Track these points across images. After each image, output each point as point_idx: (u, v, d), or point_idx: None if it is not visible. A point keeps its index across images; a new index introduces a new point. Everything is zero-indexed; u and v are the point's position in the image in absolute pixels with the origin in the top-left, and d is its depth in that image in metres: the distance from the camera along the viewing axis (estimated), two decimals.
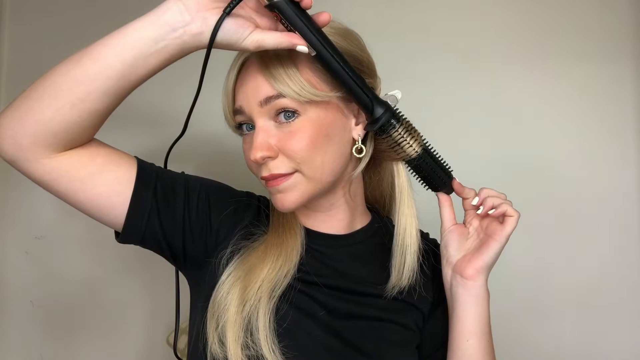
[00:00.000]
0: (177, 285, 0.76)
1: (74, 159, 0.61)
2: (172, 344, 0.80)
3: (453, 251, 0.73)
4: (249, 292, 0.65)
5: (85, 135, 0.61)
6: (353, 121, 0.69)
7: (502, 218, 0.71)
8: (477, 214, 0.73)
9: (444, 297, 0.76)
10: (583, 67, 1.10)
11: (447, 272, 0.74)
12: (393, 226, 0.73)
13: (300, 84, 0.63)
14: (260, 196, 0.78)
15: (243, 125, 0.70)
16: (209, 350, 0.64)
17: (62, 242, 1.23)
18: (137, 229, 0.65)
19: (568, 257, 1.09)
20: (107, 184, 0.63)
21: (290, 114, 0.65)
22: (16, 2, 1.28)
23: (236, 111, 0.68)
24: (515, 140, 1.12)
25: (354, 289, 0.71)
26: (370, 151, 0.71)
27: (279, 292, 0.66)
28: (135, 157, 0.68)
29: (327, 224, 0.74)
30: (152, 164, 0.69)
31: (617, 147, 1.08)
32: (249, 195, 0.77)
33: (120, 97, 0.60)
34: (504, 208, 0.70)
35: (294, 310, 0.67)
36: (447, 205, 0.75)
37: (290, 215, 0.73)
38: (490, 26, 1.13)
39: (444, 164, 0.72)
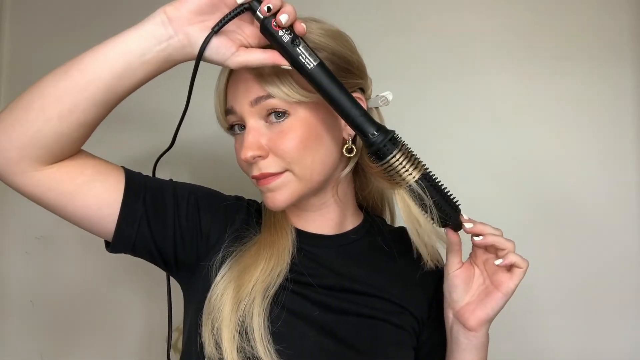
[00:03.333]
0: (169, 289, 0.76)
1: (63, 172, 0.61)
2: (172, 344, 0.81)
3: (456, 297, 0.69)
4: (243, 291, 0.65)
5: (74, 147, 0.62)
6: (343, 121, 0.69)
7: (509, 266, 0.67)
8: (489, 258, 0.69)
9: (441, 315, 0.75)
10: (583, 67, 1.09)
11: (448, 315, 0.72)
12: (386, 225, 0.72)
13: (290, 85, 0.64)
14: (250, 200, 0.79)
15: (235, 125, 0.70)
16: (205, 352, 0.64)
17: (62, 242, 1.24)
18: (128, 238, 0.66)
19: (567, 258, 1.08)
20: (96, 195, 0.63)
21: (280, 114, 0.65)
22: (16, 2, 1.29)
23: (228, 111, 0.69)
24: (513, 141, 1.11)
25: (348, 288, 0.71)
26: (360, 150, 0.70)
27: (272, 292, 0.66)
28: (122, 167, 0.68)
29: (318, 224, 0.75)
30: (140, 173, 0.69)
31: (617, 147, 1.07)
32: (238, 199, 0.77)
33: (109, 107, 0.60)
34: (512, 259, 0.65)
35: (286, 312, 0.67)
36: (455, 250, 0.69)
37: (281, 216, 0.73)
38: (488, 26, 1.12)
39: (451, 197, 0.65)
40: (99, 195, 0.63)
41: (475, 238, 0.66)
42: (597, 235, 1.07)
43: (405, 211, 0.65)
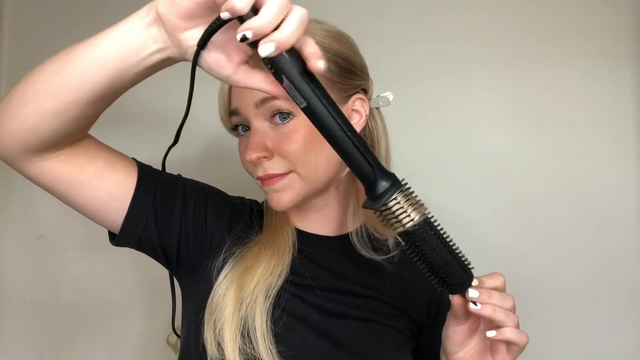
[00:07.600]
0: (172, 286, 0.76)
1: (71, 162, 0.60)
2: (172, 343, 0.81)
3: (450, 349, 0.65)
4: (245, 291, 0.66)
5: (76, 137, 0.60)
6: None
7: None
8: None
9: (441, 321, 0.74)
10: (583, 67, 1.09)
11: (442, 357, 0.69)
12: None
13: None
14: (251, 200, 0.79)
15: (239, 126, 0.70)
16: (207, 352, 0.64)
17: (62, 242, 1.24)
18: (133, 234, 0.66)
19: (566, 258, 1.08)
20: (106, 189, 0.63)
21: (285, 115, 0.65)
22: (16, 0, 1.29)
23: (232, 112, 0.69)
24: (513, 141, 1.11)
25: (348, 290, 0.72)
26: None
27: (273, 292, 0.67)
28: (133, 159, 0.68)
29: (319, 225, 0.75)
30: (151, 167, 0.69)
31: (617, 147, 1.08)
32: (241, 199, 0.77)
33: (108, 102, 0.57)
34: (506, 335, 0.58)
35: (286, 315, 0.67)
36: (460, 315, 0.62)
37: (282, 216, 0.73)
38: (489, 27, 1.12)
39: (462, 259, 0.57)
40: (109, 188, 0.63)
41: (472, 305, 0.58)
42: (597, 235, 1.07)
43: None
